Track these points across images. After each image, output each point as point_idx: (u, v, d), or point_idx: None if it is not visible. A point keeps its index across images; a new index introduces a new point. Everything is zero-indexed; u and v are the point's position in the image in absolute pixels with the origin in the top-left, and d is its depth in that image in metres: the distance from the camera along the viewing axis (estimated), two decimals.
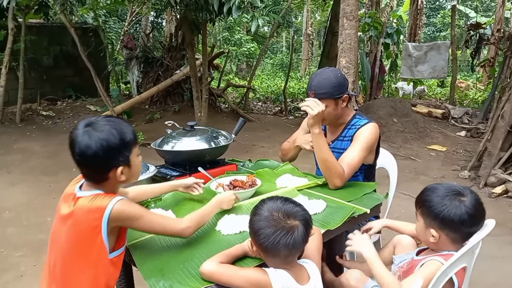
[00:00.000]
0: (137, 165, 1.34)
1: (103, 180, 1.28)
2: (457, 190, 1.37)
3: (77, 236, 1.24)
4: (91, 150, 1.20)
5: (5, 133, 6.69)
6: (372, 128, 2.00)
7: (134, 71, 9.31)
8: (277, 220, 1.21)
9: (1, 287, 2.58)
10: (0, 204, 3.89)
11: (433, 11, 22.76)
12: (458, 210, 1.32)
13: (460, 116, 7.10)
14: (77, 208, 1.24)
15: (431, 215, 1.37)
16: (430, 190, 1.42)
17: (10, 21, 6.86)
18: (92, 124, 1.24)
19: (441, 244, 1.39)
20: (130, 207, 1.28)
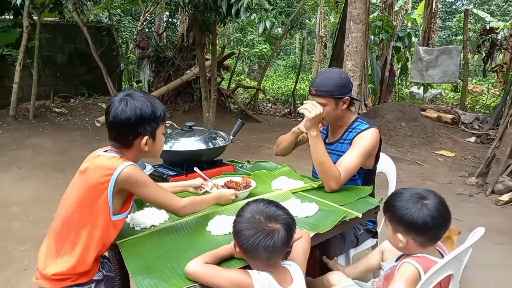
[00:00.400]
0: (161, 141, 1.49)
1: (129, 146, 1.41)
2: (420, 194, 1.39)
3: (86, 188, 1.35)
4: (126, 114, 1.34)
5: (18, 129, 6.84)
6: (372, 134, 2.00)
7: (145, 70, 9.42)
8: (258, 222, 1.23)
9: (4, 280, 2.65)
10: (9, 199, 3.98)
11: (449, 15, 22.45)
12: (421, 213, 1.34)
13: (471, 121, 7.01)
14: (94, 163, 1.37)
15: (396, 219, 1.39)
16: (395, 195, 1.44)
17: (25, 19, 7.00)
18: (130, 94, 1.39)
19: (410, 248, 1.40)
20: (139, 173, 1.38)
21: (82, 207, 1.34)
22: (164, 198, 1.45)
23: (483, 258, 3.00)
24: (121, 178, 1.32)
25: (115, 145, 1.41)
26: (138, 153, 1.44)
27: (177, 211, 1.49)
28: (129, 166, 1.34)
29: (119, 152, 1.41)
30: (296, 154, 2.40)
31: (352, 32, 4.37)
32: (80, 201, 1.35)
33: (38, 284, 1.37)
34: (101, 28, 9.46)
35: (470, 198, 4.27)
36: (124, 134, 1.38)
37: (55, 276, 1.32)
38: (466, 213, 3.85)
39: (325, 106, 1.95)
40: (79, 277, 1.35)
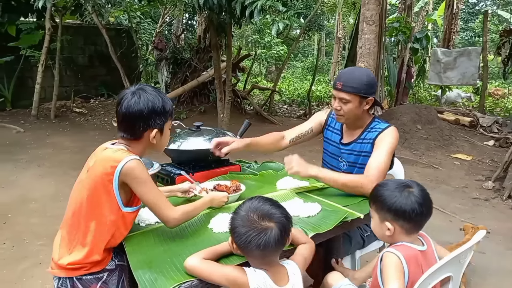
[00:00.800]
0: (167, 136, 1.54)
1: (138, 138, 1.45)
2: (404, 183, 1.46)
3: (94, 180, 1.39)
4: (138, 106, 1.39)
5: (40, 128, 7.06)
6: (394, 132, 1.99)
7: (163, 72, 9.57)
8: (251, 220, 1.24)
9: (19, 273, 2.75)
10: (28, 195, 4.12)
11: (471, 16, 22.00)
12: (409, 201, 1.39)
13: (489, 124, 6.85)
14: (101, 155, 1.42)
15: (385, 208, 1.43)
16: (380, 186, 1.49)
17: (47, 22, 7.22)
18: (142, 88, 1.45)
19: (396, 236, 1.44)
20: (141, 169, 1.39)
21: (91, 198, 1.39)
22: (159, 203, 1.43)
23: (497, 264, 2.95)
24: (123, 172, 1.36)
25: (124, 136, 1.45)
26: (146, 145, 1.48)
27: (167, 221, 1.45)
28: (133, 160, 1.37)
29: (127, 144, 1.45)
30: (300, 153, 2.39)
31: (365, 34, 4.35)
32: (88, 193, 1.39)
33: (53, 273, 1.43)
34: (120, 30, 9.66)
35: (486, 203, 4.20)
36: (134, 125, 1.42)
37: (70, 265, 1.38)
38: (481, 218, 3.78)
39: (348, 103, 1.93)
40: (93, 266, 1.40)
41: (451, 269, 1.40)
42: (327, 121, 2.24)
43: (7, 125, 6.89)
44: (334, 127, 2.19)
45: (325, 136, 2.24)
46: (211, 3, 4.69)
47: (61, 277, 1.41)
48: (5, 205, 3.87)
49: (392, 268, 1.34)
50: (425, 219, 1.42)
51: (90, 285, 1.41)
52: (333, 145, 2.17)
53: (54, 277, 1.44)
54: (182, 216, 1.47)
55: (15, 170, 4.88)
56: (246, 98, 8.96)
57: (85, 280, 1.41)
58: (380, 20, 6.42)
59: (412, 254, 1.39)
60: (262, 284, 1.24)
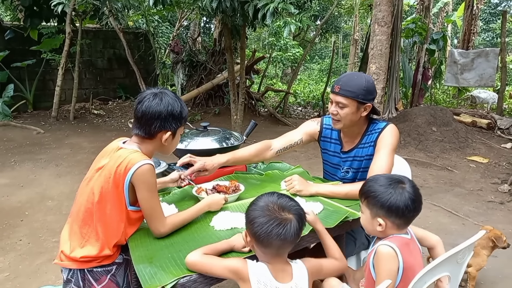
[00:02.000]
0: (177, 140, 1.62)
1: (151, 137, 1.52)
2: (396, 178, 1.47)
3: (108, 179, 1.45)
4: (159, 107, 1.48)
5: (59, 129, 7.25)
6: (393, 130, 1.97)
7: (179, 74, 9.70)
8: (272, 211, 1.27)
9: (35, 268, 2.86)
10: (46, 194, 4.26)
11: (493, 16, 21.51)
12: (403, 197, 1.40)
13: (507, 127, 6.69)
14: (117, 154, 1.47)
15: (378, 204, 1.43)
16: (372, 181, 1.49)
17: (68, 26, 7.42)
18: (164, 92, 1.54)
19: (387, 231, 1.45)
20: (151, 176, 1.46)
21: (104, 196, 1.45)
22: (155, 214, 1.48)
23: (510, 269, 2.90)
24: (136, 173, 1.42)
25: (139, 134, 1.51)
26: (156, 146, 1.55)
27: (154, 232, 1.51)
28: (147, 165, 1.43)
29: (139, 143, 1.52)
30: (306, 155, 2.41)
31: (376, 35, 4.33)
32: (102, 191, 1.45)
33: (64, 265, 1.49)
34: (138, 34, 9.84)
35: (501, 206, 4.11)
36: (151, 124, 1.49)
37: (83, 258, 1.45)
38: (495, 221, 3.71)
39: (345, 108, 1.89)
40: (104, 259, 1.47)
41: (447, 269, 1.40)
42: (321, 132, 2.18)
43: (28, 126, 7.11)
44: (331, 138, 2.14)
45: (323, 148, 2.20)
46: (224, 6, 4.75)
47: (72, 268, 1.47)
48: (23, 203, 4.01)
49: (384, 261, 1.37)
50: (415, 215, 1.44)
51: (100, 277, 1.48)
52: (334, 155, 2.14)
53: (64, 268, 1.50)
54: (171, 229, 1.53)
55: (34, 170, 5.04)
56: (260, 100, 9.00)
57: (96, 272, 1.48)
58: (396, 22, 6.38)
59: (404, 242, 1.42)
60: (262, 276, 1.27)
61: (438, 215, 3.84)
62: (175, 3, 6.80)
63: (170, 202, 1.82)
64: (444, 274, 1.39)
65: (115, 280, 1.51)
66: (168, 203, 1.81)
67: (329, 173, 2.22)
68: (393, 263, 1.36)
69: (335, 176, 2.16)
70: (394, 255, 1.37)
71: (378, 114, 2.08)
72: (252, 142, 5.14)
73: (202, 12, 9.08)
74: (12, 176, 4.82)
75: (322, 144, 2.20)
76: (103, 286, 1.48)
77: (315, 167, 4.93)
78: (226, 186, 1.91)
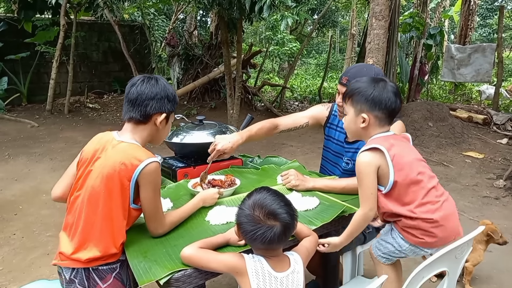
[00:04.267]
0: (169, 127, 1.59)
1: (145, 120, 1.47)
2: (378, 78, 1.56)
3: (111, 176, 1.38)
4: (155, 88, 1.47)
5: (54, 123, 7.19)
6: (401, 127, 1.94)
7: (175, 68, 9.65)
8: (257, 219, 1.26)
9: (29, 263, 2.83)
10: (40, 187, 4.22)
11: (490, 12, 21.52)
12: (385, 90, 1.48)
13: (503, 122, 6.71)
14: (117, 150, 1.42)
15: (362, 99, 1.50)
16: (355, 82, 1.57)
17: (62, 18, 7.35)
18: (157, 76, 1.53)
19: (370, 127, 1.52)
20: (157, 176, 1.43)
21: (107, 194, 1.39)
22: (156, 215, 1.46)
23: (504, 263, 2.91)
24: (144, 171, 1.37)
25: (132, 118, 1.46)
26: (151, 132, 1.50)
27: (152, 232, 1.49)
28: (155, 163, 1.40)
29: (133, 132, 1.47)
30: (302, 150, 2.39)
31: (374, 29, 4.30)
32: (104, 189, 1.39)
33: (65, 265, 1.41)
34: (134, 27, 9.75)
35: (496, 201, 4.13)
36: (148, 105, 1.45)
37: (88, 260, 1.38)
38: (490, 216, 3.72)
39: None
40: (109, 258, 1.42)
41: (446, 264, 1.39)
42: (328, 118, 2.19)
43: (22, 119, 7.05)
44: (337, 125, 2.14)
45: (327, 134, 2.20)
46: None
47: (75, 267, 1.41)
48: (17, 197, 3.98)
49: (363, 168, 1.47)
50: (397, 110, 1.51)
51: (105, 276, 1.42)
52: (337, 143, 2.13)
53: (65, 268, 1.42)
54: (169, 229, 1.52)
55: (28, 163, 5.00)
56: (256, 94, 8.97)
57: (101, 270, 1.41)
58: (393, 16, 6.35)
59: (385, 136, 1.50)
60: (260, 269, 1.26)
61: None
62: None
63: (165, 197, 1.80)
64: (443, 269, 1.38)
65: (120, 278, 1.46)
66: (163, 197, 1.78)
67: (328, 160, 2.21)
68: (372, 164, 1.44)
69: (336, 165, 2.15)
70: (369, 163, 1.45)
71: None
72: None
73: (198, 5, 9.01)
74: (6, 169, 4.78)
75: (327, 130, 2.20)
76: (109, 285, 1.43)
77: (311, 162, 4.92)
78: (221, 180, 1.89)
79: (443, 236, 1.43)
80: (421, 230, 1.43)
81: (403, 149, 1.48)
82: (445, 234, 1.44)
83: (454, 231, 1.46)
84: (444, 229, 1.43)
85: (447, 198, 1.53)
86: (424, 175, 1.46)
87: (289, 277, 1.28)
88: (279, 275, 1.27)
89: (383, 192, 1.48)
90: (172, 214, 1.54)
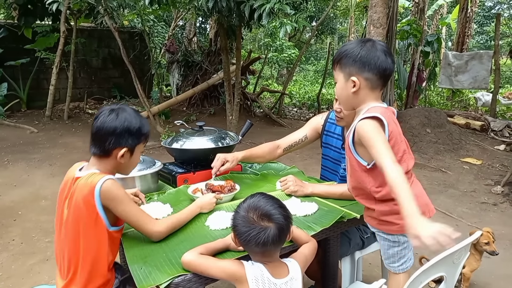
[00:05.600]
0: (136, 159, 1.52)
1: (107, 154, 1.44)
2: (366, 39, 1.46)
3: (78, 213, 1.38)
4: (113, 123, 1.42)
5: (53, 129, 7.20)
6: None
7: (174, 74, 9.68)
8: (251, 221, 1.27)
9: (27, 268, 2.83)
10: (39, 193, 4.23)
11: (487, 19, 21.68)
12: (373, 49, 1.40)
13: (501, 129, 6.75)
14: (77, 188, 1.40)
15: (349, 61, 1.41)
16: (342, 46, 1.48)
17: (62, 24, 7.38)
18: (122, 108, 1.47)
19: (362, 93, 1.42)
20: (117, 189, 1.39)
21: (83, 230, 1.38)
22: (141, 218, 1.43)
23: (502, 269, 2.92)
24: (102, 193, 1.36)
25: (94, 153, 1.45)
26: (115, 165, 1.47)
27: (150, 235, 1.46)
28: (108, 180, 1.37)
29: (97, 165, 1.45)
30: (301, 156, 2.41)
31: (372, 36, 4.34)
32: (75, 226, 1.39)
33: None
34: (134, 33, 9.80)
35: (494, 207, 4.14)
36: (106, 141, 1.42)
37: None
38: (488, 223, 3.73)
39: None
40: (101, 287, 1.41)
41: (443, 269, 1.40)
42: (324, 126, 2.19)
43: (22, 125, 7.05)
44: (334, 132, 2.15)
45: (325, 142, 2.21)
46: (220, 6, 4.75)
47: None
48: (16, 203, 3.98)
49: (371, 129, 1.34)
50: (389, 71, 1.41)
51: None
52: (335, 150, 2.15)
53: None
54: (167, 229, 1.49)
55: (27, 169, 5.00)
56: (255, 100, 9.00)
57: None
58: (391, 23, 6.40)
59: (384, 109, 1.40)
60: (260, 276, 1.27)
61: (432, 216, 3.86)
62: (171, 2, 6.78)
63: (165, 202, 1.81)
64: (440, 275, 1.39)
65: None
66: (163, 203, 1.80)
67: (327, 168, 2.22)
68: (379, 129, 1.34)
69: (336, 173, 2.16)
70: (376, 124, 1.34)
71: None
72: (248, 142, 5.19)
73: (198, 12, 9.09)
74: (5, 175, 4.78)
75: (324, 138, 2.20)
76: None
77: (310, 167, 4.94)
78: (221, 186, 1.90)
79: None
80: (395, 215, 1.41)
81: (397, 126, 1.42)
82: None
83: (426, 207, 1.48)
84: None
85: (414, 180, 1.52)
86: (406, 155, 1.43)
87: (287, 284, 1.29)
88: (278, 282, 1.28)
89: (367, 167, 1.42)
90: (169, 218, 1.55)
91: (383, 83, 1.43)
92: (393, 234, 1.48)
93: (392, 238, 1.50)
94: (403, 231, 1.38)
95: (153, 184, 2.03)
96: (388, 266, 1.56)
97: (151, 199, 1.90)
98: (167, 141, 2.32)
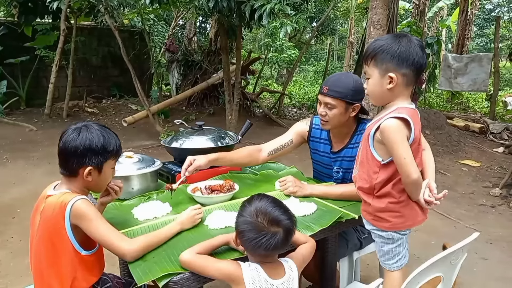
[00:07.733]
0: (107, 176, 1.50)
1: (74, 174, 1.43)
2: (399, 34, 1.46)
3: (48, 232, 1.38)
4: (74, 143, 1.39)
5: (52, 127, 7.18)
6: None
7: (174, 74, 9.67)
8: (261, 226, 1.27)
9: (25, 266, 2.81)
10: (38, 191, 4.13)
11: (487, 22, 21.74)
12: (411, 44, 1.39)
13: (500, 131, 6.77)
14: (47, 205, 1.40)
15: (388, 57, 1.40)
16: (376, 41, 1.47)
17: (62, 23, 7.38)
18: (86, 126, 1.44)
19: (397, 89, 1.42)
20: (87, 207, 1.37)
21: (50, 251, 1.38)
22: (111, 236, 1.36)
23: (500, 271, 2.93)
24: (72, 213, 1.35)
25: (62, 172, 1.45)
26: (84, 183, 1.45)
27: (124, 254, 1.35)
28: (79, 200, 1.36)
29: (67, 184, 1.44)
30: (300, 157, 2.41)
31: (372, 38, 4.34)
32: (46, 248, 1.38)
33: None
34: (134, 32, 9.79)
35: (492, 210, 4.16)
36: (69, 161, 1.41)
37: None
38: (486, 225, 3.75)
39: (333, 109, 1.88)
40: None
41: (441, 269, 1.41)
42: (310, 132, 2.17)
43: (21, 123, 7.05)
44: (320, 138, 2.14)
45: (313, 148, 2.19)
46: (220, 6, 4.75)
47: None
48: (15, 201, 3.98)
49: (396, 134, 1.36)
50: (424, 67, 1.43)
51: None
52: (324, 155, 2.14)
53: None
54: (143, 248, 1.38)
55: (26, 167, 5.00)
56: (255, 100, 9.01)
57: None
58: (391, 25, 6.40)
59: (412, 110, 1.41)
60: (257, 277, 1.28)
61: (430, 218, 3.83)
62: (171, 2, 6.79)
63: (164, 201, 1.82)
64: (437, 275, 1.40)
65: None
66: (162, 201, 1.81)
67: (319, 172, 2.22)
68: (404, 132, 1.37)
69: (329, 176, 2.16)
70: (402, 127, 1.36)
71: (367, 113, 2.08)
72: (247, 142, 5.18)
73: (198, 11, 9.10)
74: (4, 173, 4.78)
75: (312, 144, 2.19)
76: None
77: (309, 168, 4.93)
78: (220, 185, 1.91)
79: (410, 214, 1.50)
80: (389, 212, 1.48)
81: (420, 131, 1.45)
82: (413, 212, 1.50)
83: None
84: (412, 207, 1.50)
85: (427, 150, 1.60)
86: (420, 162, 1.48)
87: (284, 284, 1.30)
88: (275, 282, 1.29)
89: (381, 162, 1.45)
90: (145, 236, 1.46)
91: (417, 79, 1.44)
92: (386, 231, 1.52)
93: (386, 235, 1.53)
94: (396, 228, 1.49)
95: (152, 183, 2.03)
96: (384, 264, 1.60)
97: (150, 198, 1.91)
98: (166, 140, 2.33)
